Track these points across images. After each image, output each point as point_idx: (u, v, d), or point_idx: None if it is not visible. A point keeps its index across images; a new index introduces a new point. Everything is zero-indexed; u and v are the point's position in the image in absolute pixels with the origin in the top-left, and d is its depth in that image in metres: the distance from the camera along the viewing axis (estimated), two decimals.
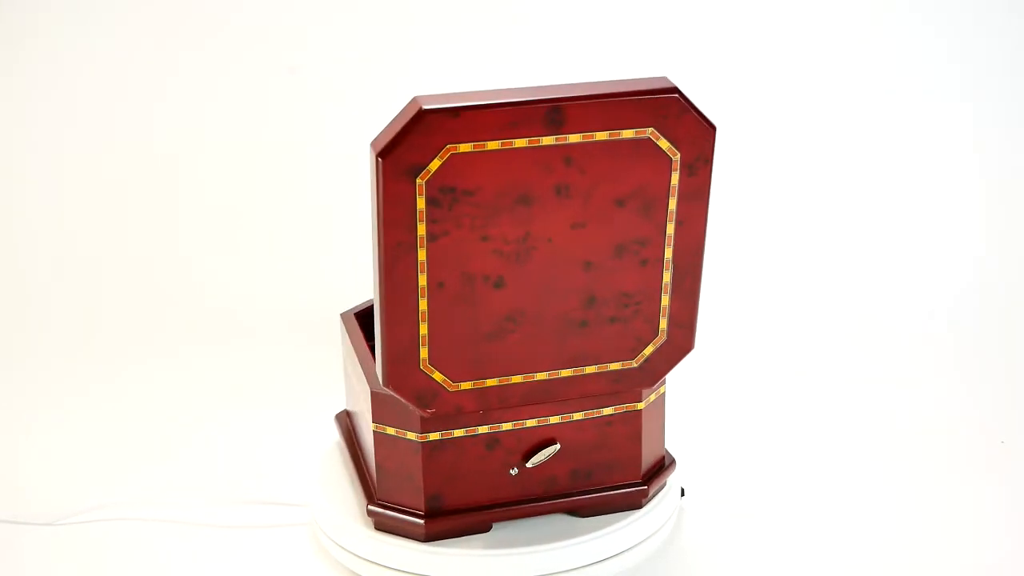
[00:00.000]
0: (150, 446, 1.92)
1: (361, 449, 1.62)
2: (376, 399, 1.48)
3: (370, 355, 1.57)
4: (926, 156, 2.38)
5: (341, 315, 1.69)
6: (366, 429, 1.56)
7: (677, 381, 1.92)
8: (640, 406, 1.53)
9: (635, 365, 1.46)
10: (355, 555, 1.56)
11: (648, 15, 2.40)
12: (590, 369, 1.45)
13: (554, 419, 1.50)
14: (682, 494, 1.68)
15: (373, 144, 1.30)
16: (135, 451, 1.90)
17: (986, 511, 1.67)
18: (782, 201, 2.39)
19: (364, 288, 2.19)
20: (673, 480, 1.64)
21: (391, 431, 1.49)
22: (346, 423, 1.72)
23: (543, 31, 2.41)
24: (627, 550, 1.55)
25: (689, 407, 1.95)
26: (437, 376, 1.40)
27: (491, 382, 1.42)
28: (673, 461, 1.62)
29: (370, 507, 1.52)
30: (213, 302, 2.34)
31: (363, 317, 1.71)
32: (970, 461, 1.79)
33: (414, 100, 1.29)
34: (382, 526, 1.52)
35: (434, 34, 2.43)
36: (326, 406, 1.86)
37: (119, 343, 2.25)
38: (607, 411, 1.52)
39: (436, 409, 1.42)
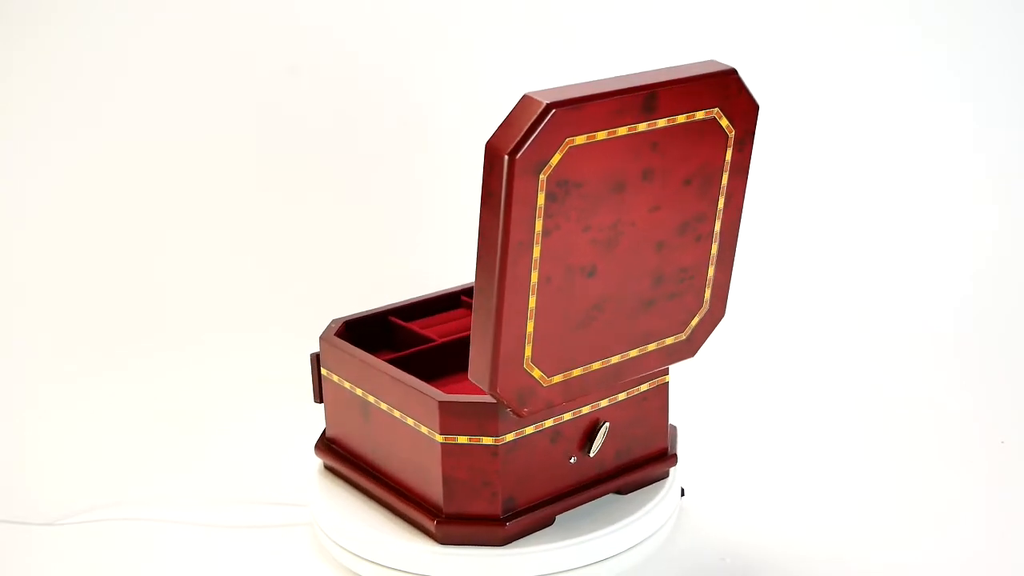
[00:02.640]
0: (151, 446, 1.90)
1: (389, 471, 1.56)
2: (445, 410, 1.45)
3: (400, 370, 1.52)
4: (927, 155, 2.40)
5: (322, 339, 1.62)
6: (413, 445, 1.50)
7: (677, 377, 1.93)
8: (667, 378, 1.60)
9: (684, 338, 1.53)
10: (355, 555, 1.54)
11: (646, 12, 2.42)
12: (651, 346, 1.50)
13: (604, 402, 1.54)
14: (682, 494, 1.70)
15: (493, 144, 1.28)
16: (135, 451, 1.88)
17: (986, 511, 1.68)
18: (781, 198, 2.39)
19: (365, 288, 2.20)
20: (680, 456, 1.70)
21: (463, 440, 1.46)
22: (336, 451, 1.64)
23: (542, 29, 2.42)
24: (627, 550, 1.56)
25: (690, 404, 1.96)
26: (536, 373, 1.40)
27: (576, 372, 1.44)
28: (674, 428, 1.70)
29: (439, 524, 1.48)
30: (214, 302, 2.28)
31: (346, 337, 1.65)
32: (970, 461, 1.80)
33: (527, 97, 1.29)
34: (452, 539, 1.48)
35: (430, 34, 2.42)
36: None
37: (120, 343, 2.21)
38: (643, 387, 1.58)
39: (531, 407, 1.41)
